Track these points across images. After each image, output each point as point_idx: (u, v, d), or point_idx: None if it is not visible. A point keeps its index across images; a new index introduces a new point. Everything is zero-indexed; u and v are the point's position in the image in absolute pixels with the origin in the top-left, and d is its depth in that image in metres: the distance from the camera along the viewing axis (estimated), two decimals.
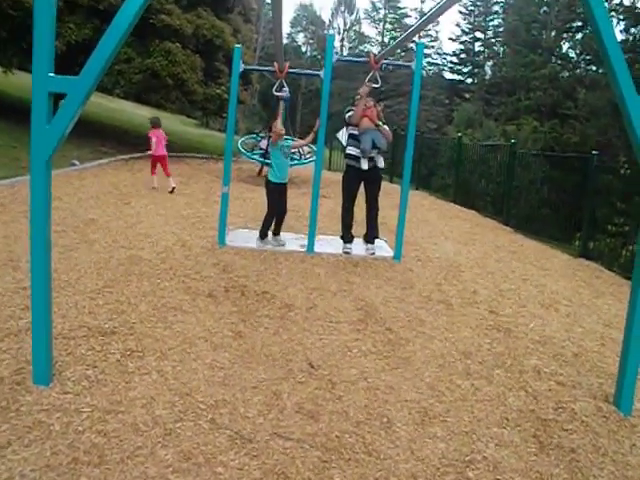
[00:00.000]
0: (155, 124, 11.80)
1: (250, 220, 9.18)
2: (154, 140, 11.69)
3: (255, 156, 14.24)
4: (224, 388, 3.81)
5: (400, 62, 5.46)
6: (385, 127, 7.43)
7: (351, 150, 7.41)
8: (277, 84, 7.47)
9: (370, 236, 7.73)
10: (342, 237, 7.71)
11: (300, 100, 57.59)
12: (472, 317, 5.69)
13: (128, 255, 6.47)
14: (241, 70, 7.31)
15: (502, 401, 4.02)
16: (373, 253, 7.54)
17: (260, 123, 43.52)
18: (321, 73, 7.15)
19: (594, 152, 10.55)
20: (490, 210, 14.49)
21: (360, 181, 7.44)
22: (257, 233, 7.71)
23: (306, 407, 3.69)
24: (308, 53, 66.29)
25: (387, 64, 7.63)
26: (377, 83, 7.18)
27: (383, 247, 8.11)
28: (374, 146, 7.20)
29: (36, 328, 3.63)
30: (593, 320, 6.15)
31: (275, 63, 7.43)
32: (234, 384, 3.88)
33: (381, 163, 7.39)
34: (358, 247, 7.80)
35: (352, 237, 7.68)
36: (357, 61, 8.11)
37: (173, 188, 11.19)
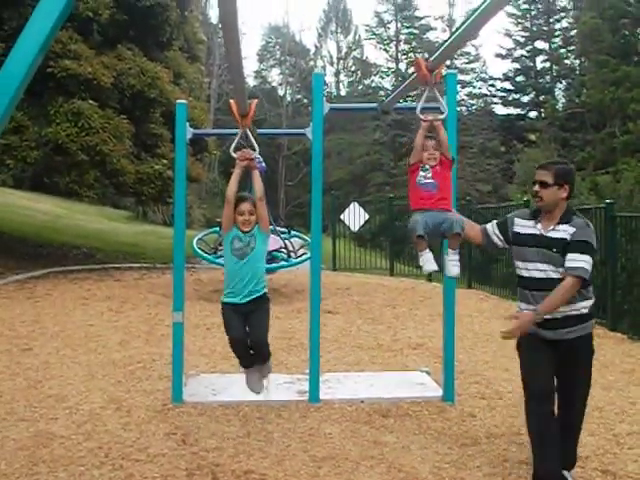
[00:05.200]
0: None
1: (219, 359, 9.21)
2: None
3: (220, 259, 14.40)
4: None
5: (421, 104, 5.50)
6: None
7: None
8: (237, 139, 6.74)
9: (567, 460, 5.65)
10: None
11: (282, 167, 58.88)
12: None
13: (32, 432, 6.43)
14: (189, 137, 7.51)
15: None
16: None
17: (222, 206, 44.24)
18: (307, 131, 7.36)
19: None
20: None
21: (550, 354, 5.55)
22: (230, 378, 7.73)
23: None
24: (288, 97, 68.43)
25: (401, 108, 7.85)
26: (443, 112, 5.96)
27: (425, 382, 8.13)
28: (435, 232, 5.60)
29: None
30: None
31: (232, 102, 6.68)
32: None
33: (453, 270, 5.76)
34: (387, 386, 7.78)
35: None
36: (361, 108, 8.31)
37: None
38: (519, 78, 58.20)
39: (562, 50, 55.61)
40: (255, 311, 6.38)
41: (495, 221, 5.93)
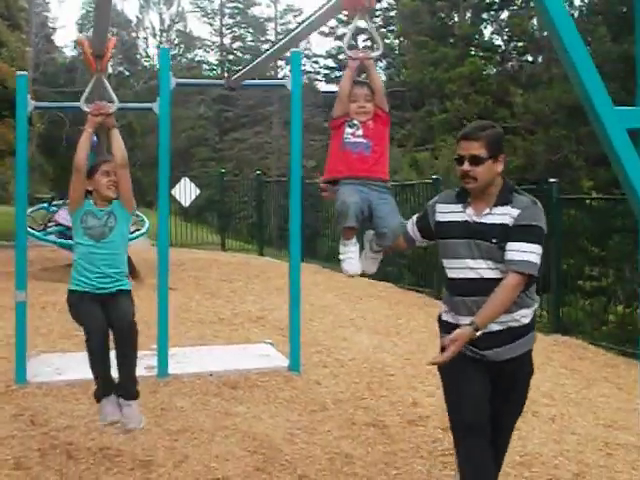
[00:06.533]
0: None
1: (58, 337, 9.06)
2: None
3: (50, 237, 14.08)
4: None
5: (349, 37, 4.22)
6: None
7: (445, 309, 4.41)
8: (89, 87, 5.76)
9: None
10: None
11: (105, 142, 57.54)
12: (419, 440, 5.94)
13: None
14: (30, 109, 7.35)
15: None
16: None
17: (44, 183, 42.92)
18: (154, 106, 7.35)
19: (552, 180, 11.37)
20: (411, 280, 15.05)
21: (482, 375, 4.29)
22: (73, 356, 7.63)
23: None
24: (110, 69, 66.74)
25: (250, 85, 7.95)
26: (378, 47, 4.39)
27: (270, 353, 8.34)
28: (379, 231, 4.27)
29: None
30: (589, 422, 6.58)
31: (82, 40, 5.80)
32: None
33: (371, 268, 4.50)
34: (234, 358, 7.94)
35: None
36: (208, 84, 8.09)
37: None
38: (341, 56, 59.09)
39: (383, 30, 56.87)
40: (116, 298, 5.24)
41: (415, 216, 4.55)
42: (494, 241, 4.00)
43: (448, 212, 4.22)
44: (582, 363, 8.94)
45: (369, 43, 56.86)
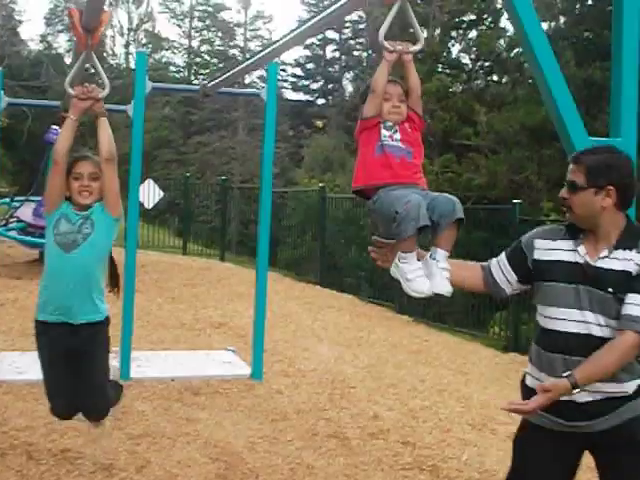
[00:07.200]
0: None
1: (18, 336, 8.97)
2: None
3: (11, 233, 13.95)
4: None
5: (386, 26, 3.42)
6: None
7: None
8: (77, 66, 4.94)
9: None
10: None
11: None
12: (380, 454, 5.98)
13: None
14: (4, 105, 7.32)
15: None
16: None
17: (2, 177, 42.36)
18: (128, 108, 7.35)
19: (516, 200, 11.50)
20: (371, 293, 15.09)
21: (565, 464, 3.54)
22: (32, 356, 7.58)
23: None
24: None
25: (224, 93, 7.96)
26: (419, 40, 3.82)
27: (232, 360, 8.33)
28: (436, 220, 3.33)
29: None
30: None
31: (73, 10, 4.65)
32: None
33: (445, 285, 3.35)
34: (196, 364, 7.95)
35: None
36: (183, 89, 8.13)
37: None
38: (309, 65, 59.23)
39: (351, 41, 57.15)
40: (87, 349, 4.46)
41: (502, 254, 3.69)
42: (610, 290, 3.27)
43: (552, 249, 3.48)
44: None
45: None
